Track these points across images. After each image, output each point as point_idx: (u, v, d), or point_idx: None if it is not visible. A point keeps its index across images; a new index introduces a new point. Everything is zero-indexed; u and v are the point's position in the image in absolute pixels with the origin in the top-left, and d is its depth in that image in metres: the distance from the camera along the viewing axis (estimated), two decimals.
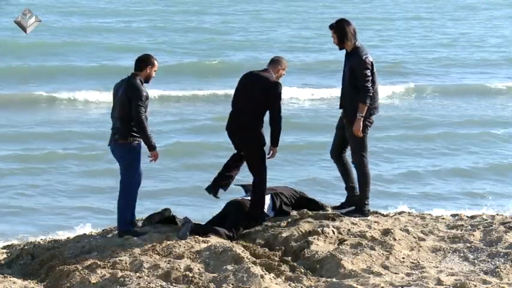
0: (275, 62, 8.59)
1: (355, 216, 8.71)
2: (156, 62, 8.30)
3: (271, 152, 8.58)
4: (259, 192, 8.60)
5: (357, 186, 8.88)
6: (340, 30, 8.49)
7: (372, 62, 8.45)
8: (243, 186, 9.15)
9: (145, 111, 8.11)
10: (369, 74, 8.40)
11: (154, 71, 8.30)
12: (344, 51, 8.66)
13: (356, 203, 8.84)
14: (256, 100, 8.40)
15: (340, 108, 8.77)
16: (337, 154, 8.91)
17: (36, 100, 20.68)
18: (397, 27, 35.67)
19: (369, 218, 8.75)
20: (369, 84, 8.39)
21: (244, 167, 8.77)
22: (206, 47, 28.77)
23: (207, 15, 36.34)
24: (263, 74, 8.52)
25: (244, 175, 9.08)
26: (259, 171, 8.58)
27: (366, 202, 8.78)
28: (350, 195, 8.96)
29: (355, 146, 8.65)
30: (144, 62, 8.23)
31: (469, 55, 29.24)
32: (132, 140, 8.13)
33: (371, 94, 8.42)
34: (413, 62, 27.54)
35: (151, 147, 8.14)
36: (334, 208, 9.03)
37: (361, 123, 8.45)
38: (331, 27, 8.56)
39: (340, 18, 8.65)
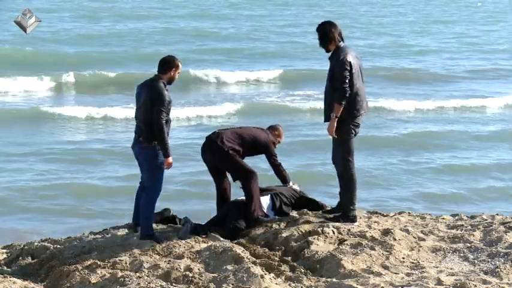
0: (272, 128, 9.28)
1: (340, 222, 8.54)
2: (180, 64, 8.10)
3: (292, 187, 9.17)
4: (251, 192, 8.62)
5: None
6: (323, 33, 8.39)
7: (350, 62, 8.23)
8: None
9: (167, 115, 7.96)
10: (346, 74, 8.20)
11: (178, 73, 8.10)
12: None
13: (342, 209, 8.72)
14: (241, 137, 8.87)
15: None
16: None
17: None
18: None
19: (355, 223, 8.59)
20: (346, 85, 8.19)
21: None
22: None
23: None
24: (261, 130, 9.13)
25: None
26: (242, 174, 8.68)
27: (352, 208, 8.61)
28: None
29: (339, 150, 8.48)
30: (168, 64, 8.06)
31: None
32: (156, 143, 7.98)
33: (347, 95, 8.22)
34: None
35: (166, 154, 7.97)
36: (324, 212, 8.96)
37: (335, 124, 8.26)
38: (317, 30, 8.48)
39: (324, 21, 8.52)
